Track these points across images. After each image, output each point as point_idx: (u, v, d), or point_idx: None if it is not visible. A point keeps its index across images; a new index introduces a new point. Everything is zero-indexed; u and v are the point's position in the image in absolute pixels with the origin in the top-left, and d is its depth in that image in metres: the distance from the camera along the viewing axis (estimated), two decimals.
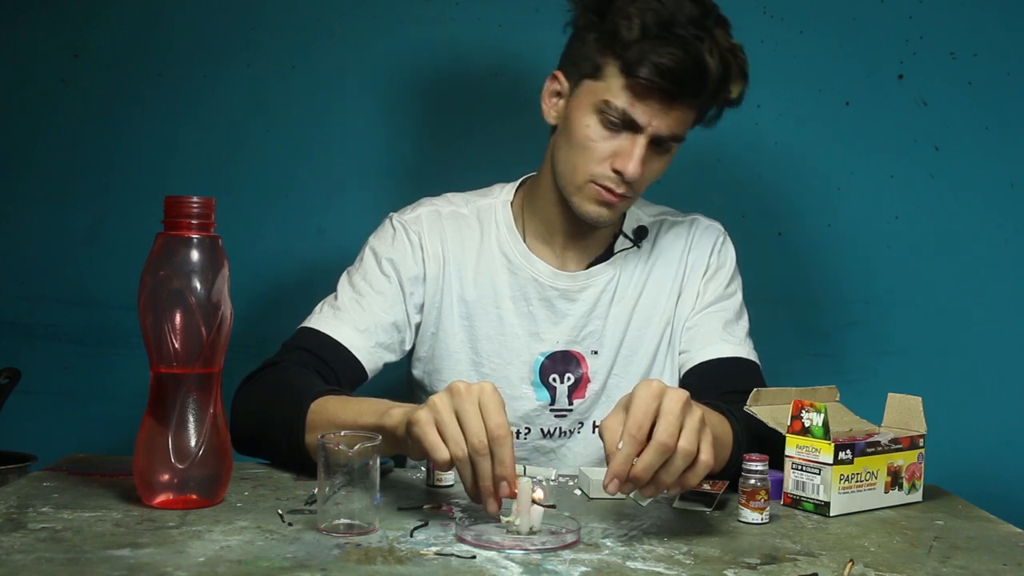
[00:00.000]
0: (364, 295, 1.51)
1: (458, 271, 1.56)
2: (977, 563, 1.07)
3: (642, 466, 1.06)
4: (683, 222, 1.63)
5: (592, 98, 1.43)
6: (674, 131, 1.43)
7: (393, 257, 1.54)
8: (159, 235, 1.16)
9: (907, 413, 1.38)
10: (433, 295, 1.55)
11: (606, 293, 1.58)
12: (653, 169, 1.47)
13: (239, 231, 2.03)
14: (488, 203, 1.61)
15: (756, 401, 1.35)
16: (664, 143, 1.44)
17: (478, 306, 1.56)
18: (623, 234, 1.60)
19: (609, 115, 1.42)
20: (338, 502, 1.08)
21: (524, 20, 2.10)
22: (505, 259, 1.57)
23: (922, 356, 2.07)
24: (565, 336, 1.56)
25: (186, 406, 1.15)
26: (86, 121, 2.15)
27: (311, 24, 2.12)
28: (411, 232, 1.56)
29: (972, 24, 2.05)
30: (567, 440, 1.59)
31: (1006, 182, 2.06)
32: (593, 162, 1.44)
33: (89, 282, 2.15)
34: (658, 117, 1.41)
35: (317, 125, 2.13)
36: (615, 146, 1.43)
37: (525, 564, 1.00)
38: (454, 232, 1.57)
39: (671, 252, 1.61)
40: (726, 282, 1.60)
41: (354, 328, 1.48)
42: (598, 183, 1.45)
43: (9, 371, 2.00)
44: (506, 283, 1.56)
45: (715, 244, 1.62)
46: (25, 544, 1.00)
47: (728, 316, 1.57)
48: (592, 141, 1.44)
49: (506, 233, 1.58)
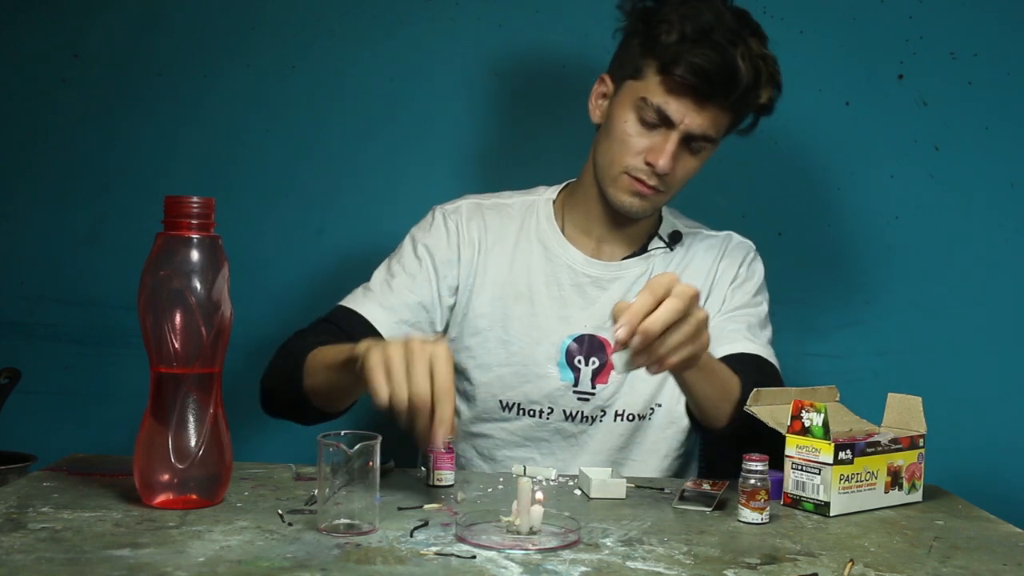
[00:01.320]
0: (395, 276, 1.63)
1: (495, 255, 1.65)
2: (977, 563, 1.07)
3: (657, 317, 1.13)
4: (717, 236, 1.71)
5: (632, 96, 1.54)
6: (706, 130, 1.52)
7: (428, 243, 1.65)
8: (159, 235, 1.16)
9: (907, 413, 1.38)
10: (467, 277, 1.64)
11: (636, 285, 1.64)
12: (685, 167, 1.55)
13: (239, 231, 2.03)
14: (532, 199, 1.71)
15: (756, 401, 1.35)
16: (696, 141, 1.53)
17: (511, 288, 1.63)
18: (659, 235, 1.68)
19: (646, 111, 1.52)
20: (338, 502, 1.08)
21: (524, 20, 2.10)
22: (542, 247, 1.66)
23: (922, 356, 2.07)
24: (593, 321, 1.62)
25: (186, 406, 1.15)
26: (86, 121, 2.15)
27: (311, 24, 2.12)
28: (449, 220, 1.67)
29: (972, 24, 2.04)
30: (588, 427, 1.61)
31: (1006, 182, 2.06)
32: (629, 155, 1.54)
33: (89, 282, 2.15)
34: (691, 115, 1.50)
35: (317, 125, 2.13)
36: (650, 141, 1.53)
37: (525, 564, 1.00)
38: (494, 220, 1.67)
39: (703, 261, 1.68)
40: (753, 292, 1.67)
41: (379, 305, 1.60)
42: (632, 174, 1.55)
43: (9, 371, 2.00)
44: (541, 269, 1.65)
45: (746, 257, 1.69)
46: (25, 544, 1.00)
47: (752, 321, 1.63)
48: (629, 136, 1.54)
49: (545, 224, 1.68)
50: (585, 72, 2.09)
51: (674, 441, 1.64)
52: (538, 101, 2.11)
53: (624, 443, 1.62)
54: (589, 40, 2.07)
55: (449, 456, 1.33)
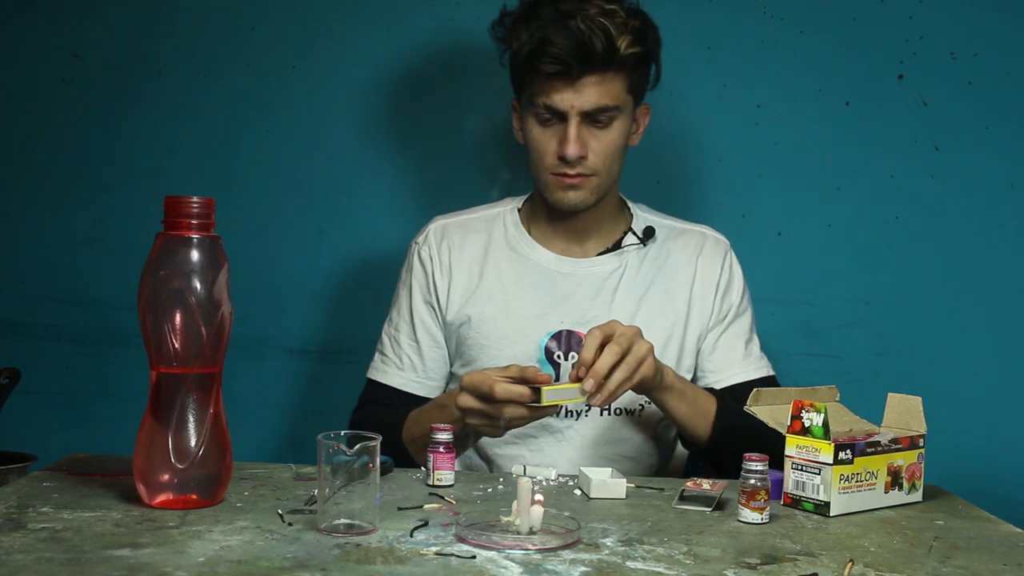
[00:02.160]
0: (400, 331, 1.71)
1: (464, 267, 1.69)
2: (977, 563, 1.07)
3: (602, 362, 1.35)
4: (691, 231, 1.74)
5: (526, 106, 1.62)
6: (599, 103, 1.55)
7: (412, 285, 1.72)
8: (159, 235, 1.16)
9: (907, 413, 1.38)
10: (444, 297, 1.69)
11: (610, 280, 1.67)
12: (602, 144, 1.59)
13: (239, 231, 2.03)
14: (497, 211, 1.75)
15: (756, 401, 1.35)
16: (597, 117, 1.57)
17: (484, 295, 1.67)
18: (632, 231, 1.70)
19: (539, 113, 1.59)
20: (338, 502, 1.08)
21: None
22: (512, 251, 1.70)
23: (922, 356, 2.07)
24: (569, 317, 1.64)
25: (186, 406, 1.15)
26: (86, 121, 2.15)
27: (311, 24, 2.12)
28: (422, 251, 1.72)
29: (972, 24, 2.04)
30: (574, 422, 1.62)
31: (1006, 182, 2.06)
32: (544, 156, 1.60)
33: (89, 282, 2.15)
34: (574, 96, 1.55)
35: (317, 125, 2.13)
36: (556, 136, 1.59)
37: (525, 564, 1.00)
38: (459, 237, 1.72)
39: (679, 257, 1.70)
40: (739, 299, 1.71)
41: (397, 369, 1.70)
42: (554, 173, 1.60)
43: (9, 371, 2.00)
44: (512, 271, 1.68)
45: (725, 258, 1.72)
46: (25, 544, 1.00)
47: (746, 336, 1.69)
48: (538, 140, 1.61)
49: (513, 230, 1.72)
50: None
51: (662, 438, 1.67)
52: None
53: (612, 437, 1.63)
54: None
55: (449, 456, 1.33)
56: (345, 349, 2.13)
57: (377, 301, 2.12)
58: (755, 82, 2.07)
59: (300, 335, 2.15)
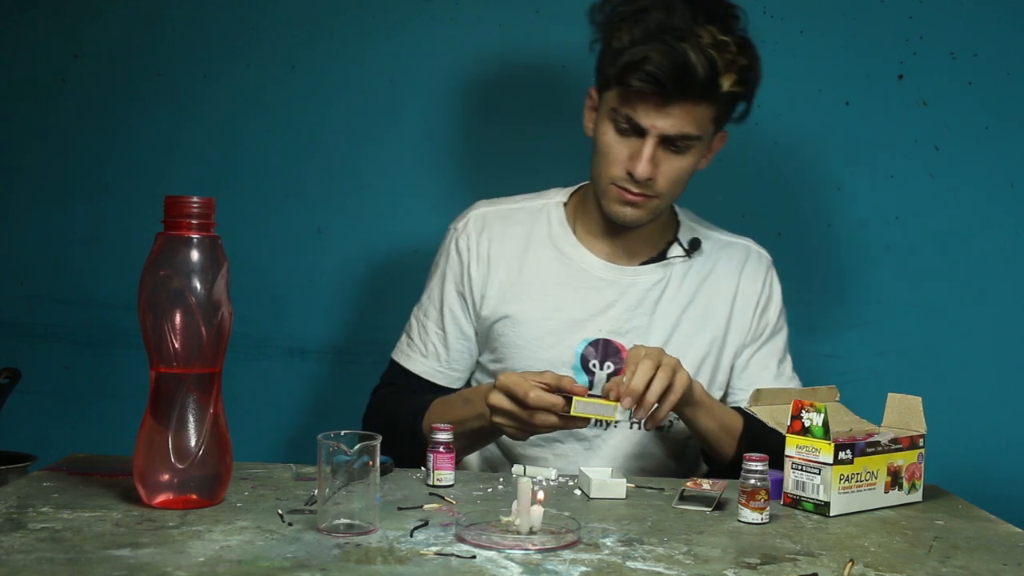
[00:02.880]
0: (429, 317, 1.67)
1: (504, 263, 1.64)
2: (977, 563, 1.07)
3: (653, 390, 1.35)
4: (736, 244, 1.72)
5: (606, 107, 1.54)
6: (681, 130, 1.50)
7: (445, 273, 1.67)
8: (159, 235, 1.16)
9: (907, 413, 1.38)
10: (480, 290, 1.65)
11: (653, 291, 1.64)
12: (673, 168, 1.53)
13: (239, 231, 2.03)
14: (542, 203, 1.70)
15: (756, 401, 1.35)
16: (675, 142, 1.51)
17: (523, 293, 1.63)
18: (678, 241, 1.68)
19: (619, 121, 1.52)
20: (338, 502, 1.08)
21: (524, 20, 2.10)
22: (556, 250, 1.65)
23: (922, 356, 2.07)
24: (609, 325, 1.62)
25: (186, 406, 1.15)
26: (86, 121, 2.15)
27: (311, 24, 2.12)
28: (460, 240, 1.67)
29: (972, 24, 2.04)
30: (603, 432, 1.61)
31: (1006, 182, 2.06)
32: (612, 166, 1.54)
33: (89, 282, 2.15)
34: (660, 119, 1.49)
35: (317, 125, 2.13)
36: (629, 149, 1.53)
37: (525, 564, 1.00)
38: (501, 229, 1.67)
39: (724, 271, 1.68)
40: (776, 317, 1.69)
41: (421, 356, 1.66)
42: (618, 184, 1.55)
43: (9, 371, 2.00)
44: (554, 271, 1.64)
45: (767, 275, 1.70)
46: (25, 544, 1.00)
47: (779, 355, 1.69)
48: (610, 147, 1.54)
49: (557, 228, 1.67)
50: (585, 72, 2.08)
51: (691, 454, 1.65)
52: (538, 101, 2.11)
53: (639, 451, 1.61)
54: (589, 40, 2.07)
55: (449, 456, 1.33)
56: (345, 349, 2.13)
57: (377, 301, 2.13)
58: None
59: (300, 335, 2.15)
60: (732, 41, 1.49)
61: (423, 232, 2.11)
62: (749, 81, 1.53)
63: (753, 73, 1.53)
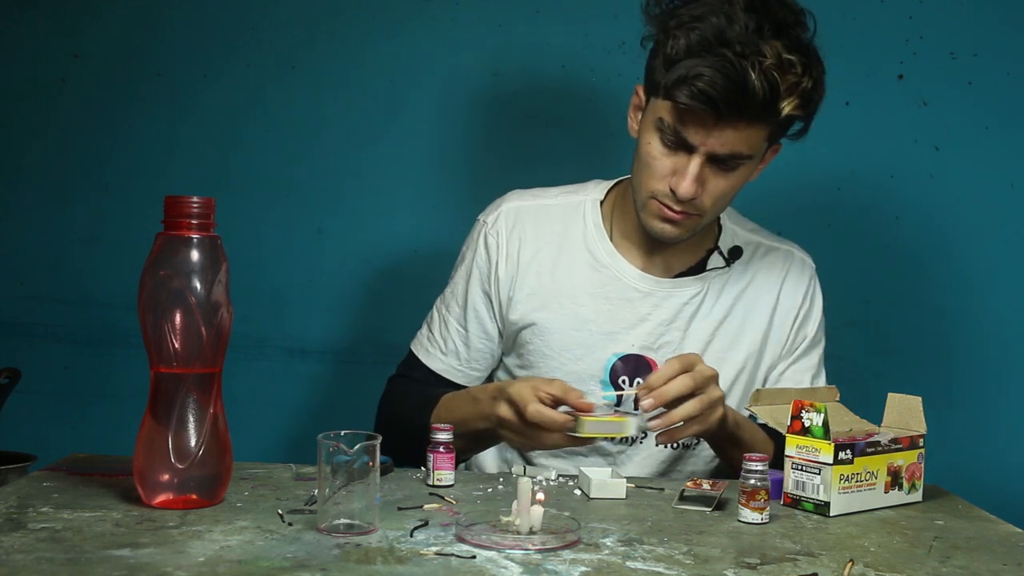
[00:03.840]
0: (451, 312, 1.62)
1: (535, 265, 1.57)
2: (977, 563, 1.07)
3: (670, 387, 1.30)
4: (779, 250, 1.64)
5: (653, 115, 1.43)
6: (733, 149, 1.40)
7: (471, 269, 1.61)
8: (159, 235, 1.16)
9: (907, 413, 1.38)
10: (507, 291, 1.58)
11: (689, 306, 1.56)
12: (719, 187, 1.44)
13: (239, 231, 2.03)
14: (578, 200, 1.61)
15: (756, 401, 1.35)
16: (725, 161, 1.42)
17: (554, 300, 1.56)
18: (718, 250, 1.60)
19: (665, 134, 1.42)
20: (338, 502, 1.08)
21: (524, 20, 2.10)
22: (590, 255, 1.57)
23: (922, 356, 2.07)
24: (641, 340, 1.55)
25: (186, 406, 1.15)
26: (86, 121, 2.15)
27: (311, 24, 2.12)
28: (490, 236, 1.60)
29: (972, 24, 2.04)
30: (628, 448, 1.56)
31: (1006, 182, 2.06)
32: (654, 179, 1.45)
33: (89, 282, 2.15)
34: (711, 136, 1.39)
35: (317, 125, 2.13)
36: (674, 164, 1.43)
37: (525, 564, 1.00)
38: (534, 227, 1.59)
39: (764, 280, 1.60)
40: (814, 331, 1.62)
41: (440, 353, 1.61)
42: (659, 199, 1.46)
43: (9, 371, 2.00)
44: (587, 279, 1.56)
45: (810, 285, 1.63)
46: (25, 544, 1.00)
47: (813, 370, 1.62)
48: (653, 159, 1.44)
49: (593, 230, 1.59)
50: (585, 72, 2.10)
51: (714, 473, 1.59)
52: (538, 101, 2.11)
53: (664, 470, 1.57)
54: (589, 40, 2.07)
55: (449, 456, 1.33)
56: (345, 349, 2.13)
57: (377, 301, 2.13)
58: None
59: (300, 335, 2.15)
60: (798, 60, 1.36)
61: (423, 232, 2.12)
62: (812, 103, 1.42)
63: (817, 93, 1.42)
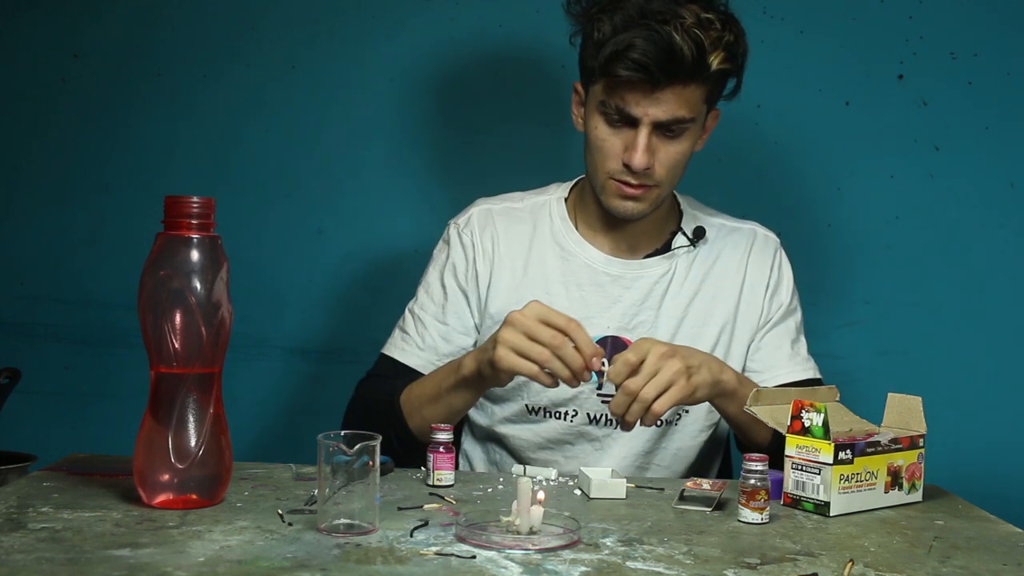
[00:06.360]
0: (426, 310, 1.63)
1: (508, 262, 1.62)
2: (977, 563, 1.07)
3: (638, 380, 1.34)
4: (741, 229, 1.69)
5: (594, 100, 1.51)
6: (674, 114, 1.47)
7: (449, 265, 1.64)
8: (159, 235, 1.16)
9: (907, 413, 1.38)
10: (484, 288, 1.62)
11: (660, 284, 1.62)
12: (670, 154, 1.50)
13: (239, 231, 2.03)
14: (543, 200, 1.68)
15: (756, 401, 1.35)
16: (669, 128, 1.48)
17: (528, 293, 1.58)
18: (682, 231, 1.65)
19: (608, 113, 1.49)
20: (338, 502, 1.08)
21: (524, 20, 2.10)
22: (558, 247, 1.63)
23: (922, 356, 2.07)
24: (616, 322, 1.60)
25: (186, 406, 1.15)
26: (86, 121, 2.15)
27: (311, 24, 2.13)
28: (463, 234, 1.65)
29: (972, 24, 2.05)
30: (613, 430, 1.59)
31: (1006, 182, 2.06)
32: (608, 159, 1.52)
33: (89, 282, 2.15)
34: (651, 105, 1.46)
35: (317, 125, 2.13)
36: (623, 141, 1.50)
37: (525, 564, 1.00)
38: (504, 227, 1.64)
39: (730, 258, 1.65)
40: (788, 299, 1.66)
41: (416, 348, 1.61)
42: (616, 178, 1.52)
43: (9, 371, 2.00)
44: (558, 269, 1.62)
45: (775, 256, 1.67)
46: (25, 544, 1.00)
47: (792, 335, 1.65)
48: (602, 140, 1.51)
49: (560, 224, 1.65)
50: None
51: (702, 448, 1.63)
52: (538, 101, 2.11)
53: (650, 448, 1.60)
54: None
55: (449, 456, 1.33)
56: (345, 349, 2.13)
57: (377, 301, 2.13)
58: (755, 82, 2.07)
59: (300, 335, 2.15)
60: (716, 17, 1.45)
61: (423, 232, 2.11)
62: (737, 56, 1.50)
63: (740, 47, 1.50)
